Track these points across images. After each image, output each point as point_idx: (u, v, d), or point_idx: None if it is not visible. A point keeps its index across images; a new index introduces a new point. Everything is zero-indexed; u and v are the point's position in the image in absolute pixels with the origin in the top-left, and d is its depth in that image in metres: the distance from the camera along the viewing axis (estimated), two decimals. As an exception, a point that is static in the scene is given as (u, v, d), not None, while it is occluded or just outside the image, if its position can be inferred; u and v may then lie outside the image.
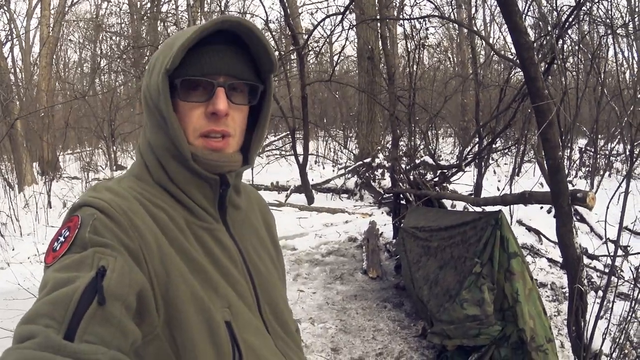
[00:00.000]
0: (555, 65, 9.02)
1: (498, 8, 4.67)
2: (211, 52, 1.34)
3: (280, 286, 1.64)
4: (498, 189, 12.34)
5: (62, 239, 1.17)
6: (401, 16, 14.32)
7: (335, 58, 22.47)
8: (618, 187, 4.98)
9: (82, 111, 21.34)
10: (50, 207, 13.89)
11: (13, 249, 10.73)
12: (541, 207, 10.41)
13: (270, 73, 1.46)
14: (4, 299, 6.62)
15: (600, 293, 6.23)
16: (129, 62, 24.16)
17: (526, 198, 5.26)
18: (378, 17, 14.59)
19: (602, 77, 14.40)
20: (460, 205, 8.88)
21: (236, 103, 1.38)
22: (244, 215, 1.58)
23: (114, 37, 29.07)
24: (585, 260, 7.49)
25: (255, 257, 1.52)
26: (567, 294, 6.24)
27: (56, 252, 1.15)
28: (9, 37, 22.48)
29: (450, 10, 15.87)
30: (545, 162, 4.75)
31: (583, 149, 16.68)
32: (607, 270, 7.11)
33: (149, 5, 28.19)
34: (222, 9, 16.05)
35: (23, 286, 6.85)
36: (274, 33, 17.81)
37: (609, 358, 4.67)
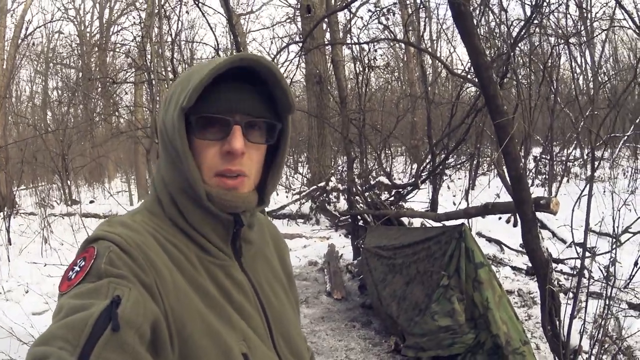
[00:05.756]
0: (506, 79, 9.19)
1: (443, 25, 4.80)
2: (228, 89, 1.33)
3: (293, 318, 1.63)
4: (454, 204, 12.50)
5: (77, 268, 1.17)
6: (352, 40, 14.40)
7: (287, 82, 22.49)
8: (582, 192, 5.10)
9: (36, 145, 21.04)
10: (10, 244, 13.60)
11: (-24, 287, 10.52)
12: (499, 218, 10.57)
13: (288, 113, 1.44)
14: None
15: (570, 295, 6.38)
16: (79, 95, 23.94)
17: (489, 209, 5.39)
18: (328, 42, 14.70)
19: (555, 85, 14.62)
20: (417, 222, 8.97)
21: (253, 141, 1.36)
22: (256, 249, 1.56)
23: (64, 70, 28.81)
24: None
25: (269, 291, 1.52)
26: (535, 299, 6.37)
27: (71, 280, 1.15)
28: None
29: (400, 32, 16.02)
30: (507, 173, 4.87)
31: (538, 158, 16.89)
32: (575, 272, 7.28)
33: (98, 36, 28.07)
34: (173, 37, 15.95)
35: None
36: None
37: (588, 354, 4.78)
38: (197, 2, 13.51)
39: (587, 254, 6.56)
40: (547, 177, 15.16)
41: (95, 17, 30.70)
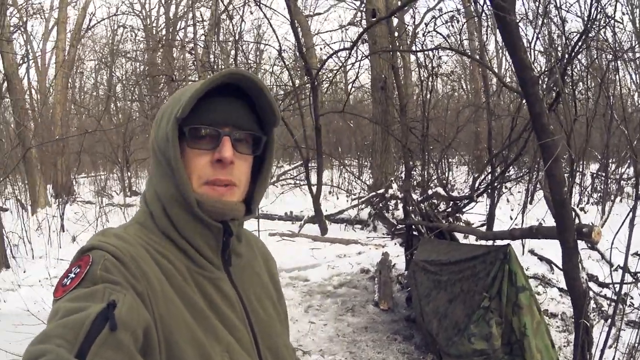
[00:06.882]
0: (565, 91, 9.00)
1: (499, 32, 4.70)
2: (219, 102, 1.40)
3: (282, 331, 1.66)
4: (511, 218, 12.30)
5: (72, 275, 1.20)
6: (413, 47, 14.31)
7: (349, 87, 22.44)
8: (628, 214, 4.97)
9: (97, 136, 21.53)
10: (63, 231, 13.96)
11: (24, 272, 10.79)
12: (554, 236, 10.33)
13: (273, 126, 1.52)
14: (12, 324, 6.63)
15: (609, 322, 6.21)
16: (145, 87, 24.28)
17: (533, 233, 5.27)
18: (390, 47, 14.63)
19: (612, 101, 14.34)
20: (472, 237, 8.85)
21: (241, 152, 1.43)
22: (245, 262, 1.60)
23: (130, 63, 29.24)
24: (596, 288, 7.45)
25: (256, 304, 1.55)
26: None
27: (66, 286, 1.18)
28: (25, 58, 22.63)
29: (460, 40, 15.88)
30: (551, 197, 4.75)
31: (595, 175, 16.56)
32: (614, 297, 7.08)
33: (164, 32, 28.40)
34: (237, 38, 16.05)
35: (32, 310, 6.85)
36: (287, 63, 17.78)
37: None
38: (258, 4, 13.56)
39: (630, 279, 6.40)
40: (601, 195, 14.88)
41: (161, 12, 31.24)
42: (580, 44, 8.38)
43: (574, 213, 5.48)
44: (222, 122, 1.40)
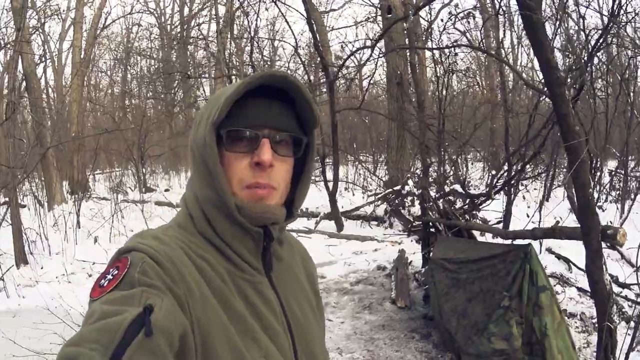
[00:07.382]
0: (584, 89, 8.90)
1: (524, 32, 4.66)
2: (257, 104, 1.38)
3: (319, 336, 1.65)
4: (527, 216, 12.23)
5: (110, 276, 1.19)
6: (429, 43, 14.22)
7: (365, 83, 22.37)
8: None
9: (113, 134, 21.69)
10: (79, 227, 14.06)
11: (42, 268, 10.92)
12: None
13: (313, 127, 1.50)
14: (32, 321, 6.66)
15: (631, 324, 6.14)
16: (159, 84, 24.33)
17: (556, 233, 5.23)
18: (407, 44, 14.59)
19: (632, 98, 14.20)
20: (489, 235, 8.80)
21: (281, 154, 1.40)
22: (286, 266, 1.58)
23: (145, 61, 29.37)
24: (616, 289, 7.35)
25: (296, 309, 1.53)
26: (597, 325, 6.18)
27: (103, 287, 1.17)
28: (43, 58, 22.76)
29: (479, 37, 15.78)
30: (575, 198, 4.70)
31: (613, 172, 16.33)
32: (638, 299, 7.00)
33: (178, 29, 28.50)
34: (252, 34, 16.04)
35: (51, 306, 6.92)
36: (303, 59, 17.76)
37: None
38: (274, 1, 13.56)
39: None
40: (620, 193, 14.75)
41: (175, 10, 31.38)
42: (601, 40, 8.30)
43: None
44: (260, 124, 1.37)
